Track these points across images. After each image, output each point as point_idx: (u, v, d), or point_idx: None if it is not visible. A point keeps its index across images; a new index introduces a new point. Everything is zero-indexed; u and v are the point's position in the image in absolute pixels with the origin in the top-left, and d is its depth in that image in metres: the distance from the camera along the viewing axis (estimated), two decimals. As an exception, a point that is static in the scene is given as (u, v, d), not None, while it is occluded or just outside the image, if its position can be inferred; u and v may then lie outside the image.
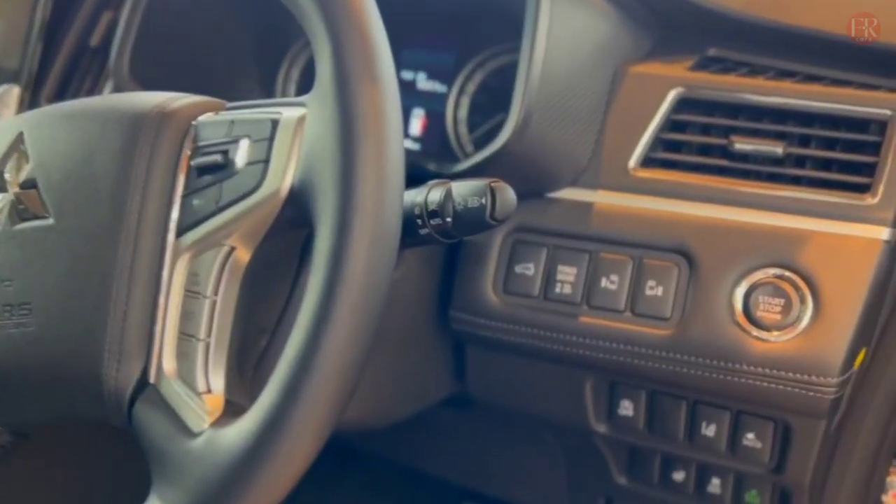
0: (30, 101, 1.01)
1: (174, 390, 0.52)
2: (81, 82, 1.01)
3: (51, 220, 0.55)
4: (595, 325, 0.74)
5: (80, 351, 0.53)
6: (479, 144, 0.95)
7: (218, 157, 0.52)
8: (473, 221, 0.53)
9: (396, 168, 0.48)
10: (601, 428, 0.82)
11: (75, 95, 1.00)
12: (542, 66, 0.71)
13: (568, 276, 0.75)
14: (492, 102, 0.98)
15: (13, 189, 0.56)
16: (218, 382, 0.52)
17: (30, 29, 1.02)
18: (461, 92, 1.00)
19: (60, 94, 1.01)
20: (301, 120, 0.51)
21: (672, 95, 0.76)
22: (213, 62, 1.03)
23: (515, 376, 0.83)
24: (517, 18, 0.91)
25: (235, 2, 1.02)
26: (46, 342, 0.54)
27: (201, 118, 0.55)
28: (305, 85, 1.09)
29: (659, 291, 0.72)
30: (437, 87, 1.03)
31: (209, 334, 0.52)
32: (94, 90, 1.00)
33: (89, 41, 1.01)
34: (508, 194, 0.54)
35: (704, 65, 0.80)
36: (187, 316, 0.52)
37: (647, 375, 0.75)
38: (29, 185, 0.56)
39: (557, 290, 0.75)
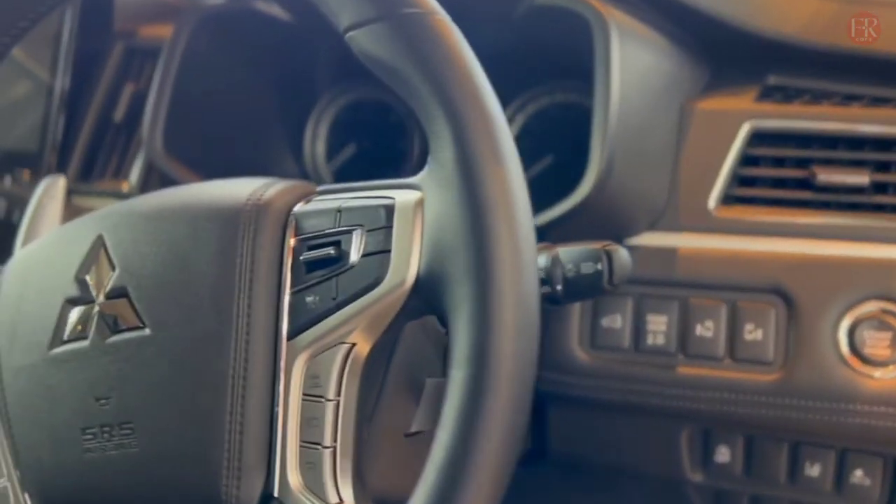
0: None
1: (302, 503, 0.48)
2: (108, 160, 0.97)
3: (147, 331, 0.50)
4: (693, 375, 0.71)
5: (193, 470, 0.49)
6: (533, 192, 0.93)
7: (331, 251, 0.49)
8: (588, 288, 0.50)
9: (531, 251, 0.45)
10: (696, 477, 0.79)
11: (102, 174, 0.96)
12: (619, 108, 0.68)
13: (659, 326, 0.72)
14: (535, 147, 0.95)
15: (100, 299, 0.52)
16: (348, 492, 0.48)
17: (48, 108, 0.98)
18: (502, 136, 0.97)
19: (86, 174, 0.97)
20: (419, 205, 0.48)
21: (745, 130, 0.74)
22: (243, 127, 1.00)
23: (603, 431, 0.80)
24: (558, 58, 0.89)
25: (260, 65, 0.99)
26: (154, 463, 0.50)
27: (299, 208, 0.52)
28: (334, 142, 1.06)
29: (758, 335, 0.70)
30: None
31: (334, 440, 0.48)
32: (121, 167, 0.96)
33: (112, 116, 0.97)
34: (624, 258, 0.51)
35: (768, 94, 0.78)
36: (309, 422, 0.49)
37: (751, 422, 0.72)
38: (117, 293, 0.52)
39: (649, 341, 0.72)
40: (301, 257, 0.50)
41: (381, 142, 1.04)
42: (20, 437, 0.55)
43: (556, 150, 0.93)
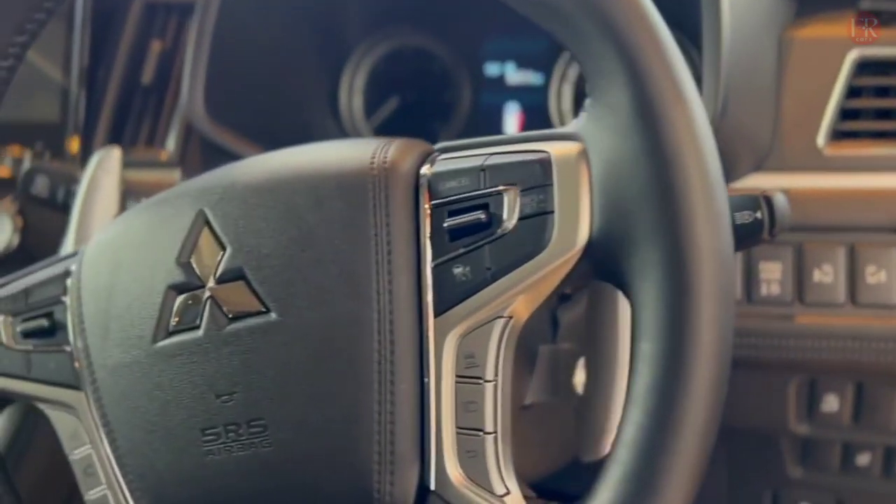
0: (82, 154, 0.90)
1: (466, 497, 0.43)
2: (138, 126, 0.89)
3: (273, 316, 0.45)
4: (813, 324, 0.67)
5: (340, 467, 0.44)
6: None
7: (480, 215, 0.43)
8: (745, 239, 0.45)
9: (725, 202, 0.40)
10: (801, 428, 0.76)
11: (133, 141, 0.89)
12: (729, 44, 0.63)
13: (772, 274, 0.67)
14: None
15: (210, 283, 0.46)
16: (513, 481, 0.44)
17: (67, 72, 0.90)
18: (562, 80, 0.91)
19: (116, 140, 0.89)
20: (581, 157, 0.42)
21: (851, 59, 0.69)
22: (281, 85, 0.93)
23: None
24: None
25: (293, 16, 0.91)
26: (292, 462, 0.45)
27: (427, 169, 0.46)
28: (373, 96, 0.99)
29: (881, 277, 0.66)
30: (531, 78, 0.94)
31: (495, 425, 0.43)
32: (154, 134, 0.88)
33: (139, 79, 0.89)
34: (784, 204, 0.46)
35: (864, 20, 0.72)
36: (466, 407, 0.44)
37: (871, 369, 0.68)
38: (232, 276, 0.46)
39: (763, 291, 0.68)
40: (444, 224, 0.44)
41: (426, 94, 0.98)
42: (125, 441, 0.49)
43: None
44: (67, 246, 0.63)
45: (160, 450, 0.48)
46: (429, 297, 0.44)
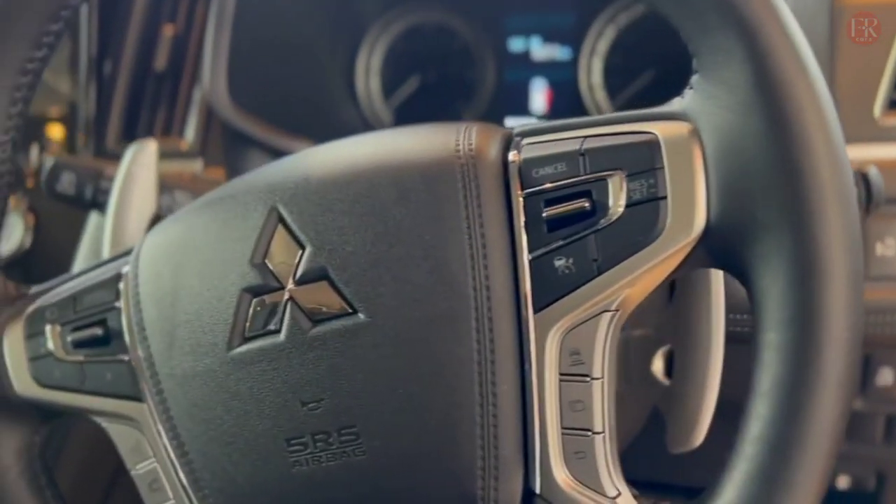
0: (95, 147, 0.86)
1: (575, 500, 0.41)
2: (152, 115, 0.85)
3: (361, 317, 0.42)
4: (878, 299, 0.65)
5: (441, 473, 0.42)
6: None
7: (584, 203, 0.41)
8: None
9: (852, 182, 0.38)
10: (855, 404, 0.75)
11: (149, 130, 0.85)
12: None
13: (833, 249, 0.66)
14: (630, 62, 0.87)
15: (289, 285, 0.43)
16: (622, 483, 0.42)
17: (74, 61, 0.86)
18: (592, 55, 0.89)
19: (129, 134, 0.85)
20: (693, 137, 0.40)
21: (906, 25, 0.67)
22: (298, 66, 0.89)
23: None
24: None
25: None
26: (388, 470, 0.42)
27: (517, 155, 0.43)
28: (391, 76, 0.96)
29: (945, 249, 0.64)
30: (558, 52, 0.91)
31: (604, 424, 0.41)
32: (171, 123, 0.84)
33: (151, 66, 0.85)
34: (880, 180, 0.44)
35: (912, -16, 0.71)
36: (572, 406, 0.41)
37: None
38: (314, 276, 0.43)
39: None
40: (542, 214, 0.41)
41: (447, 72, 0.94)
42: (199, 455, 0.46)
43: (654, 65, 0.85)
44: (105, 246, 0.60)
45: (240, 462, 0.45)
46: (527, 291, 0.41)
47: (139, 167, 0.59)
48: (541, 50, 0.91)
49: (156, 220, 0.62)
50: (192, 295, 0.46)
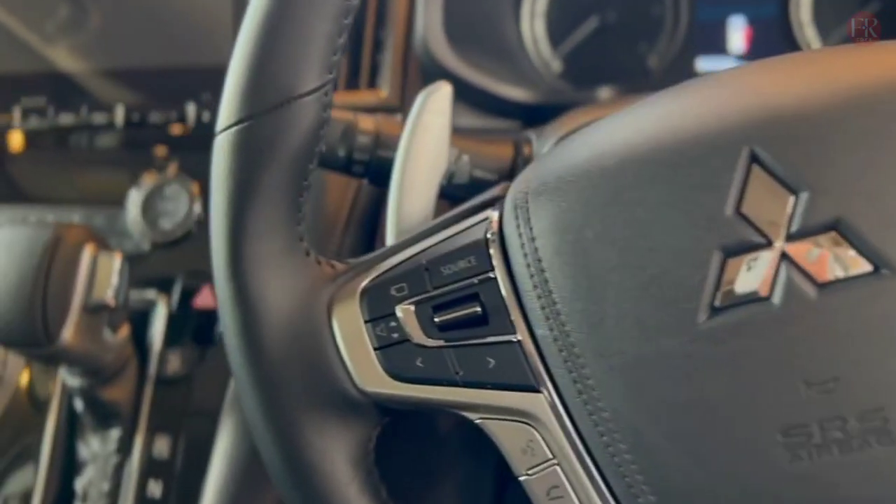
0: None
1: None
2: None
3: (886, 273, 0.34)
4: None
5: None
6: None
7: None
8: None
9: None
10: None
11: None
12: None
13: None
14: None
15: (778, 241, 0.35)
16: None
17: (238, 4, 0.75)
18: (801, -14, 0.81)
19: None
20: None
21: None
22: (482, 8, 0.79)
23: None
24: None
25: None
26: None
27: None
28: (558, 19, 0.86)
29: None
30: (760, -15, 0.83)
31: None
32: (357, 72, 0.74)
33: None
34: None
35: None
36: None
37: None
38: (815, 228, 0.35)
39: None
40: None
41: (626, 11, 0.86)
42: (642, 454, 0.38)
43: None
44: (390, 212, 0.51)
45: (710, 460, 0.37)
46: None
47: (433, 115, 0.50)
48: (739, -18, 0.83)
49: (449, 177, 0.53)
50: (633, 259, 0.37)
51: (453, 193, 0.56)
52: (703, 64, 0.84)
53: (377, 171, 0.56)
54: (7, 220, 0.78)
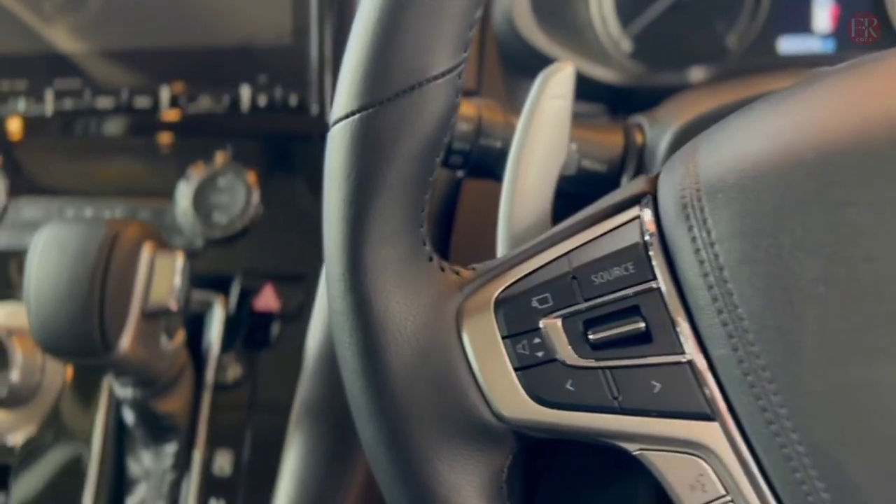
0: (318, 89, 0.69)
1: None
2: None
3: None
4: None
5: None
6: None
7: None
8: None
9: None
10: None
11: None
12: None
13: None
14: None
15: None
16: None
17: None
18: (898, -40, 0.75)
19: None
20: None
21: None
22: None
23: None
24: None
25: None
26: None
27: None
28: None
29: None
30: (849, -41, 0.77)
31: None
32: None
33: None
34: None
35: None
36: None
37: None
38: None
39: None
40: None
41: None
42: (845, 493, 0.33)
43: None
44: (503, 208, 0.45)
45: None
46: None
47: (554, 98, 0.44)
48: (827, -44, 0.77)
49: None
50: (843, 269, 0.32)
51: (560, 187, 0.50)
52: (786, 44, 0.79)
53: (478, 163, 0.50)
54: (43, 213, 0.72)
